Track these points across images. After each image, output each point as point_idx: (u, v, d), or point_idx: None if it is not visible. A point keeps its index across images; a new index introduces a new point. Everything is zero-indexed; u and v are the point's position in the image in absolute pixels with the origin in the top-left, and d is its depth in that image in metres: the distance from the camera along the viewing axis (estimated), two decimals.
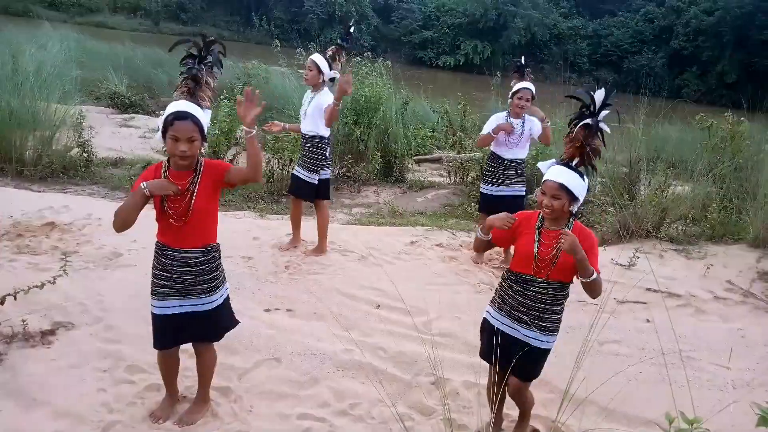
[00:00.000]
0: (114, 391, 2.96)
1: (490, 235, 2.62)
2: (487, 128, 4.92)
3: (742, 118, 7.24)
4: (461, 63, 36.04)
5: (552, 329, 2.56)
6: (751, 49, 30.32)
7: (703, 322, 4.46)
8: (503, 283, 2.64)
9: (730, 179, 6.68)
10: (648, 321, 4.35)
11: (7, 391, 2.86)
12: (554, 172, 2.45)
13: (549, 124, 4.93)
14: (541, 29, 36.34)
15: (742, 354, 3.98)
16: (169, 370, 2.75)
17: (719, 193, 6.56)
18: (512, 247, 5.34)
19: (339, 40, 4.91)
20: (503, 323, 2.60)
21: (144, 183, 2.40)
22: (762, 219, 5.74)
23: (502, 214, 2.54)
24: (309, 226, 5.33)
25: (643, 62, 33.64)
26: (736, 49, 31.07)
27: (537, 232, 2.52)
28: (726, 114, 7.31)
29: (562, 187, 2.41)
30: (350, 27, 5.15)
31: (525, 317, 2.52)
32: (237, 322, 2.84)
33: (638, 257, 5.22)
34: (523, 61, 5.12)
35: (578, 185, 2.44)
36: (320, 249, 4.96)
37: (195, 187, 2.50)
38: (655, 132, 8.78)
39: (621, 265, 5.17)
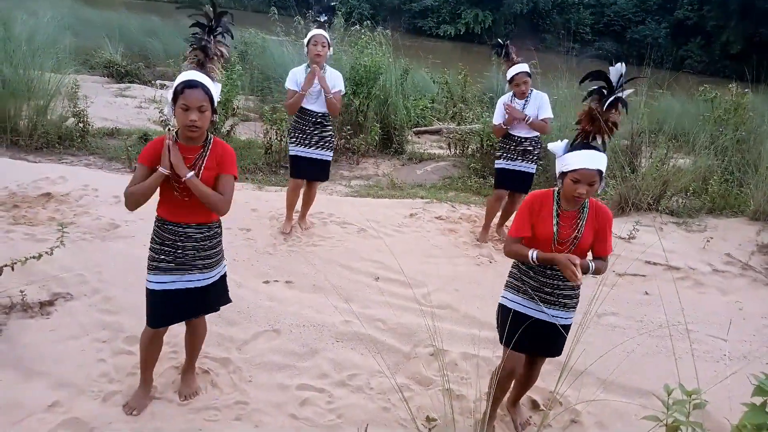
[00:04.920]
0: (113, 362, 2.96)
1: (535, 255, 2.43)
2: (496, 117, 4.77)
3: (746, 90, 7.15)
4: (462, 32, 35.50)
5: (574, 305, 2.56)
6: (756, 19, 29.80)
7: (701, 295, 4.47)
8: (521, 266, 2.57)
9: (732, 152, 6.64)
10: (647, 294, 4.36)
11: (6, 362, 2.87)
12: (587, 158, 2.30)
13: (530, 120, 4.64)
14: None
15: (740, 326, 4.00)
16: (153, 353, 2.68)
17: (721, 166, 6.53)
18: (507, 223, 5.30)
19: (319, 18, 4.71)
20: (526, 306, 2.55)
21: (159, 167, 2.36)
22: (763, 192, 5.71)
23: (564, 259, 2.31)
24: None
25: (646, 32, 33.16)
26: (741, 19, 30.56)
27: (556, 215, 2.43)
28: (730, 86, 7.22)
29: (598, 172, 2.31)
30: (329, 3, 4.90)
31: (549, 297, 2.50)
32: (229, 300, 2.83)
33: (638, 230, 5.21)
34: (501, 43, 4.82)
35: (605, 164, 2.36)
36: (306, 220, 4.99)
37: (202, 162, 2.45)
38: (658, 104, 8.70)
39: (621, 238, 5.16)
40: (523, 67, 4.66)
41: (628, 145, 6.86)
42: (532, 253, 2.42)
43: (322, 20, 4.65)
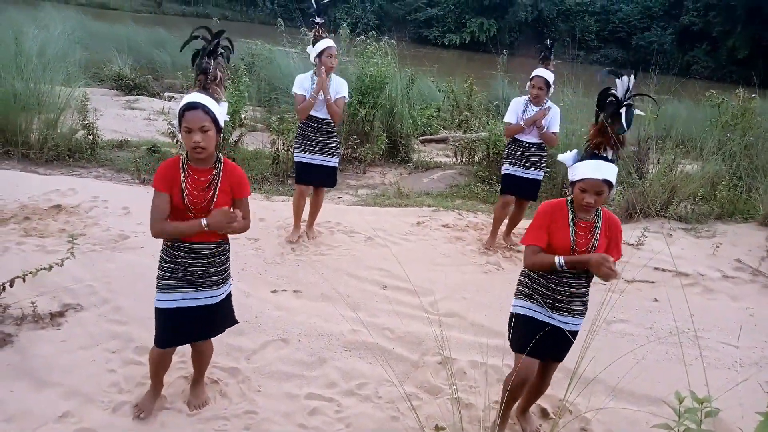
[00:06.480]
0: (123, 372, 2.98)
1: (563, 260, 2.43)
2: (509, 115, 4.78)
3: (753, 95, 7.13)
4: (467, 41, 35.60)
5: (584, 311, 2.60)
6: (762, 23, 29.67)
7: (711, 301, 4.44)
8: (532, 275, 2.60)
9: (741, 157, 6.61)
10: (656, 300, 4.34)
11: (18, 372, 2.89)
12: (594, 168, 2.35)
13: (544, 130, 4.68)
14: (548, 5, 35.76)
15: (751, 333, 3.97)
16: (163, 367, 2.72)
17: (729, 171, 6.49)
18: (515, 231, 5.28)
19: (315, 19, 4.70)
20: (538, 312, 2.58)
21: (204, 220, 2.41)
22: None
23: (600, 258, 2.33)
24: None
25: (652, 39, 33.13)
26: (747, 23, 30.44)
27: (572, 224, 2.47)
28: (737, 91, 7.19)
29: (606, 182, 2.36)
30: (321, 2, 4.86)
31: (560, 305, 2.53)
32: (236, 322, 2.84)
33: (646, 236, 5.18)
34: (549, 44, 4.80)
35: (615, 174, 2.40)
36: (313, 230, 5.00)
37: (217, 184, 2.48)
38: (664, 110, 8.67)
39: (629, 244, 5.13)
40: (545, 73, 4.66)
41: (636, 151, 6.84)
42: (559, 260, 2.42)
43: (318, 21, 4.63)
